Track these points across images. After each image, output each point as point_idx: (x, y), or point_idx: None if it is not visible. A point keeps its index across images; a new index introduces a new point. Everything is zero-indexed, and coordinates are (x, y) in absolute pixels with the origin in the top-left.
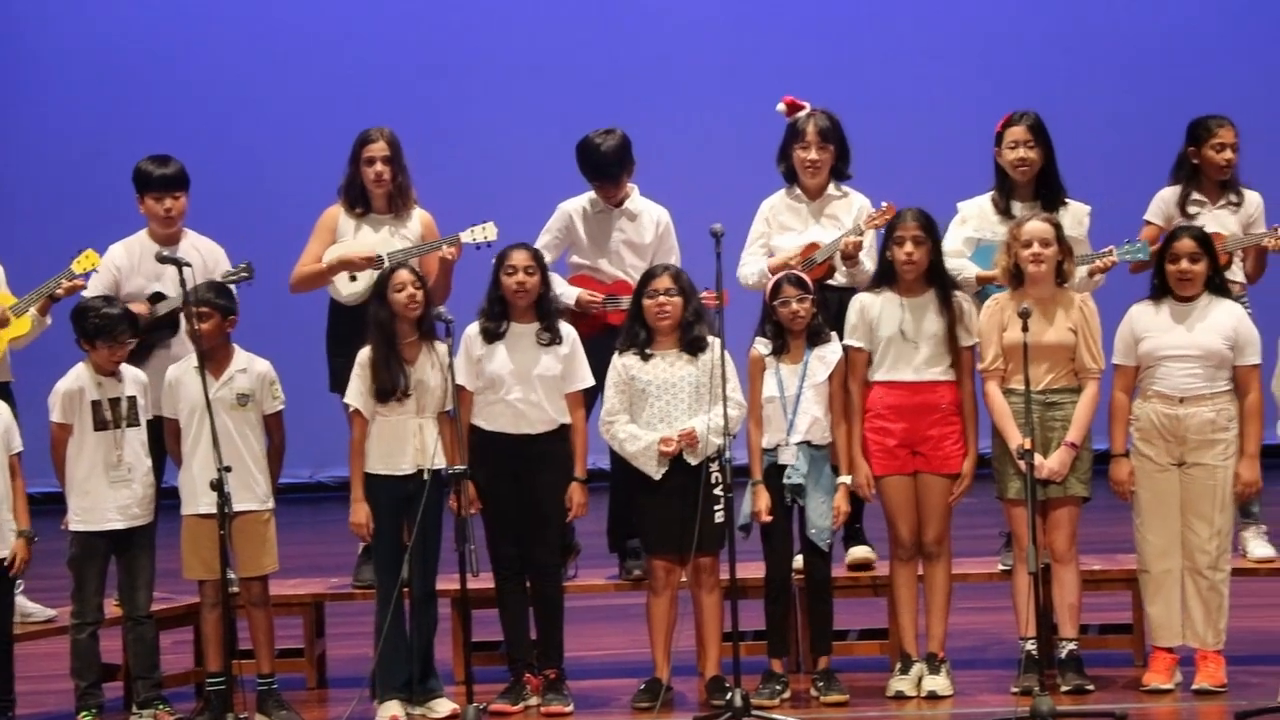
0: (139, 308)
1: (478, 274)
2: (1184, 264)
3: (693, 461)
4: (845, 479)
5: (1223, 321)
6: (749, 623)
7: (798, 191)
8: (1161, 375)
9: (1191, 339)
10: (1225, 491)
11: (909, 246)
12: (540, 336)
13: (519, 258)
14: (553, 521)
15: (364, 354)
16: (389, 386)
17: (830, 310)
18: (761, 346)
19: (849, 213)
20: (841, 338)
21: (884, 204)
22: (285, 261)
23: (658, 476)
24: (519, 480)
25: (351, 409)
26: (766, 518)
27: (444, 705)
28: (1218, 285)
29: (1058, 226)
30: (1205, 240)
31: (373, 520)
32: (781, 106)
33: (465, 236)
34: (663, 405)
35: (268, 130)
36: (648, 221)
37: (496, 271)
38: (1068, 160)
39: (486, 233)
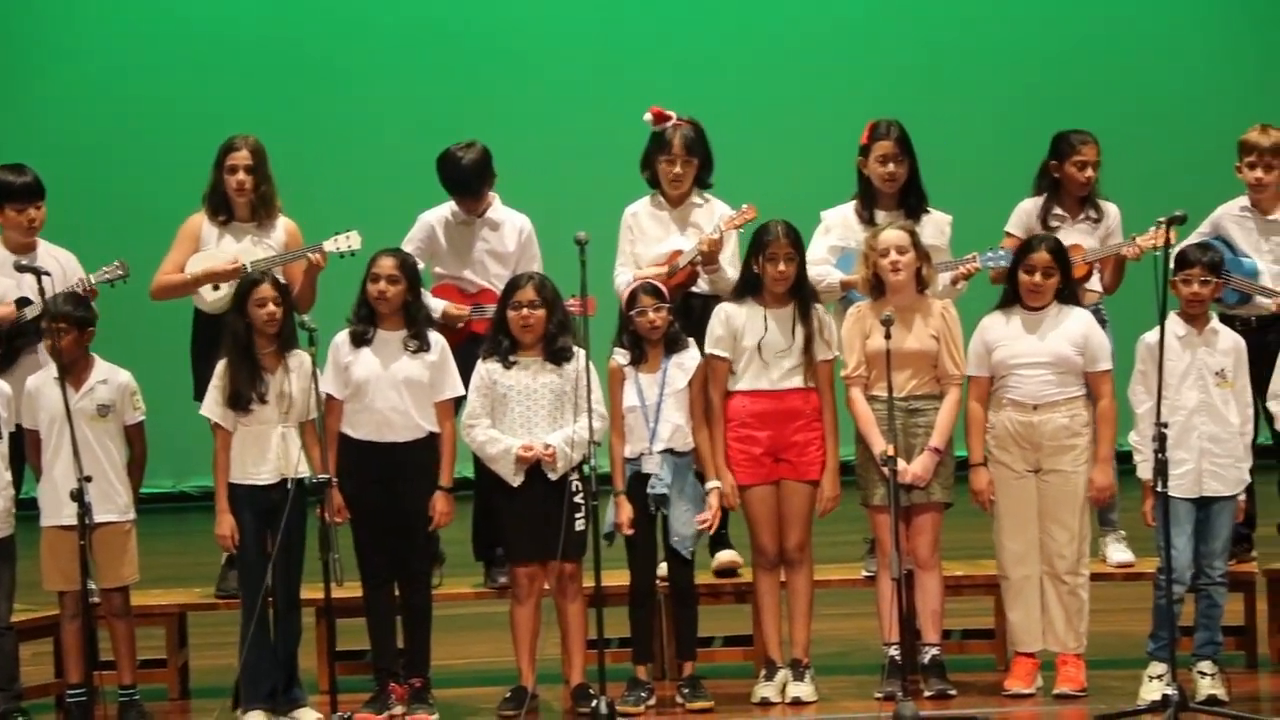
0: (3, 310)
1: (352, 281)
2: (1038, 277)
3: (552, 477)
4: (715, 483)
5: (1073, 329)
6: (614, 630)
7: (660, 199)
8: (1015, 384)
9: (1043, 347)
10: (1081, 497)
11: (782, 265)
12: (408, 344)
13: (384, 265)
14: (421, 529)
15: (222, 365)
16: (244, 398)
17: (693, 317)
18: (620, 356)
19: (711, 220)
20: (704, 345)
21: (744, 205)
22: (150, 268)
23: (515, 483)
24: (387, 488)
25: (211, 421)
26: (628, 530)
27: (308, 715)
28: (1067, 295)
29: (913, 233)
30: (1060, 253)
31: (237, 531)
32: (648, 117)
33: (328, 245)
34: (523, 411)
35: (130, 136)
36: (510, 230)
37: (366, 277)
38: (932, 168)
39: (350, 241)
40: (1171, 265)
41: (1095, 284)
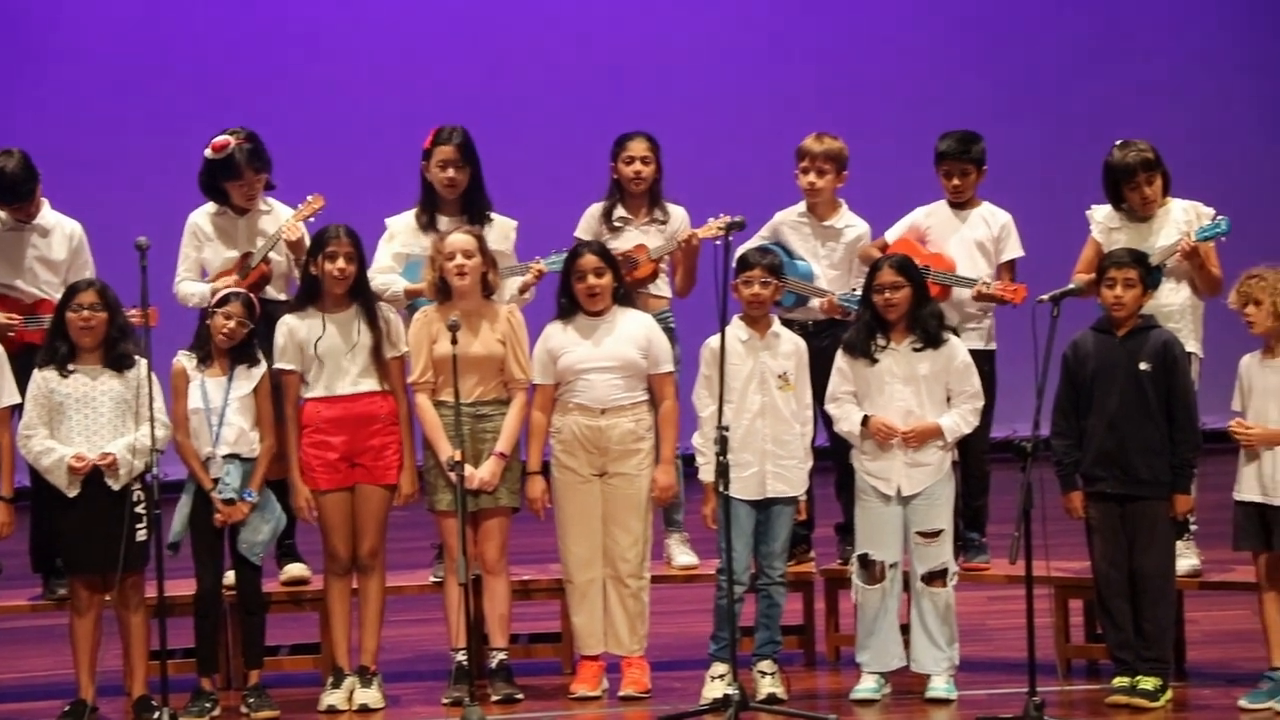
0: None
1: None
2: (590, 280)
3: (115, 486)
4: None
5: (634, 332)
6: (178, 640)
7: (224, 207)
8: (582, 388)
9: (607, 351)
10: (645, 500)
11: (341, 262)
12: None
13: None
14: None
15: None
16: None
17: (269, 322)
18: (185, 358)
19: (276, 226)
20: (273, 349)
21: (310, 196)
22: None
23: (71, 494)
24: None
25: None
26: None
27: None
28: (623, 296)
29: (480, 238)
30: (605, 254)
31: None
32: (209, 152)
33: None
34: (82, 420)
35: None
36: (60, 237)
37: None
38: (509, 173)
39: None
40: (733, 268)
41: (664, 289)
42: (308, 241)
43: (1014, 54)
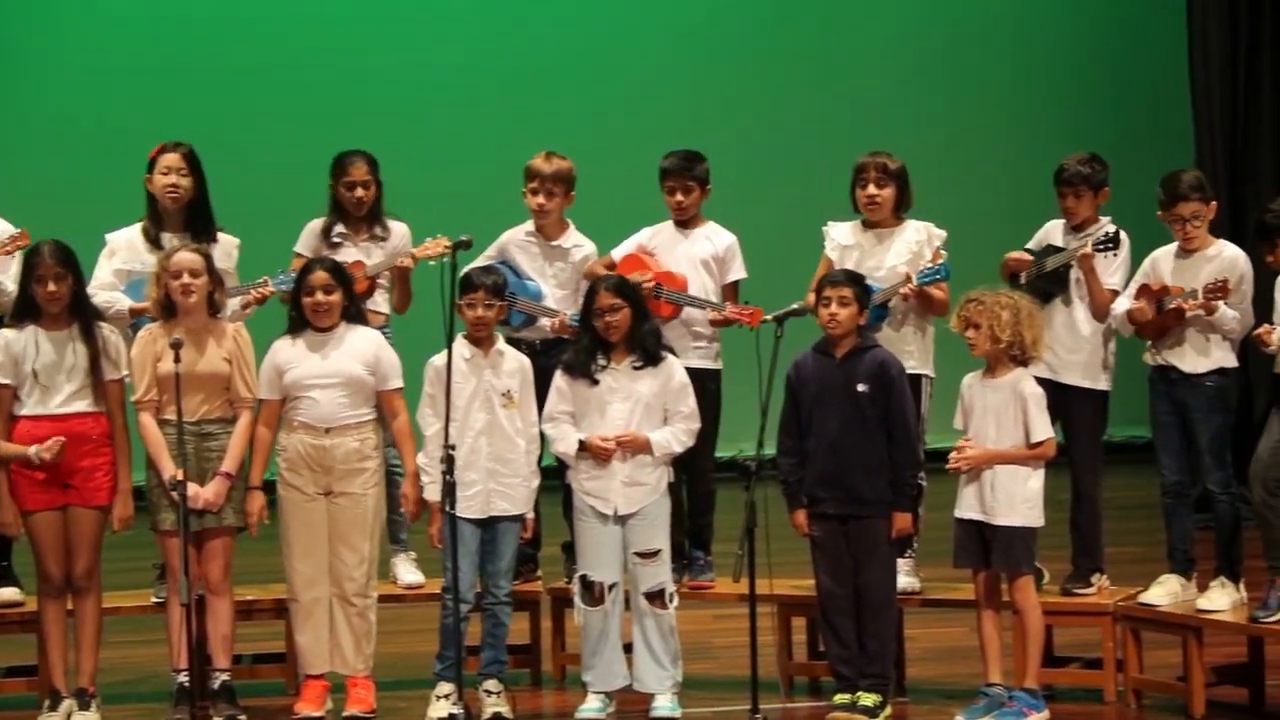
0: None
1: None
2: (319, 296)
3: None
4: None
5: (363, 348)
6: None
7: None
8: (306, 406)
9: (334, 367)
10: (371, 519)
11: (51, 285)
12: None
13: None
14: None
15: None
16: None
17: None
18: None
19: None
20: None
21: (16, 230)
22: None
23: None
24: None
25: None
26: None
27: None
28: (354, 314)
29: (207, 257)
30: (339, 271)
31: None
32: None
33: None
34: None
35: None
36: None
37: None
38: (231, 190)
39: None
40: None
41: (383, 305)
42: (11, 265)
43: (756, 71)
